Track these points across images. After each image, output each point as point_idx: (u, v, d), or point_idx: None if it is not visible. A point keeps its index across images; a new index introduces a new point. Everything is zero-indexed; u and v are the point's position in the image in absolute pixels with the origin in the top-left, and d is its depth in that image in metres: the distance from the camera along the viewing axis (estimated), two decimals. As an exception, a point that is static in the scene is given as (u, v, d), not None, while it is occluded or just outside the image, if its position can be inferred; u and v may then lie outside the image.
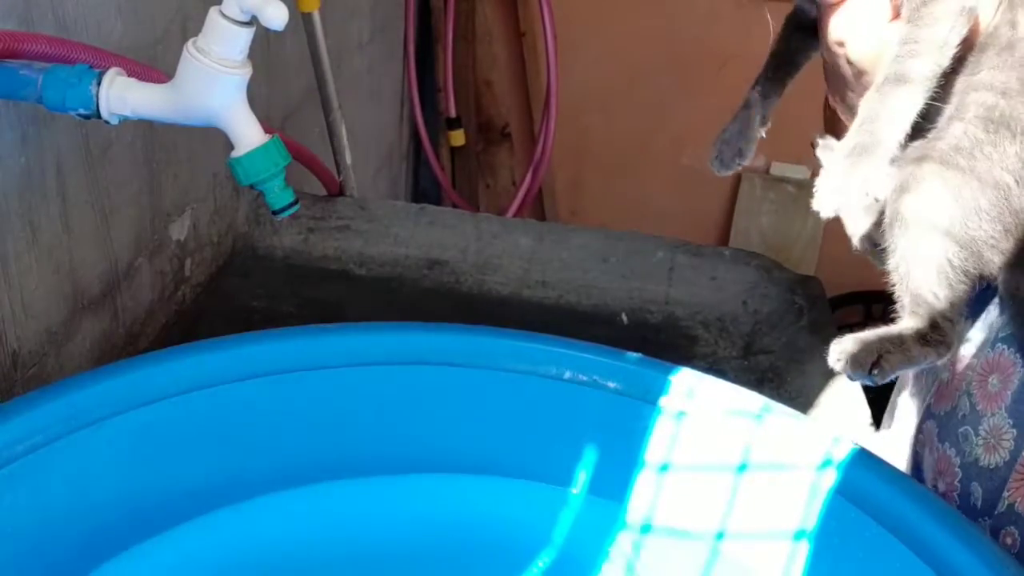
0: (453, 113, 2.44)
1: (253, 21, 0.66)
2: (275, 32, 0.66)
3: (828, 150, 0.72)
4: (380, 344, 0.85)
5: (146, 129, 1.04)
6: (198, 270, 1.23)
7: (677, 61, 2.53)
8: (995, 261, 0.65)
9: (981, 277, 0.66)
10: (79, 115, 0.69)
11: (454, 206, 2.35)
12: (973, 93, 0.65)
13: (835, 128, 0.77)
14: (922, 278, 0.65)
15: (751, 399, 0.80)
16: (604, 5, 2.48)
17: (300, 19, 1.36)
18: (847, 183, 0.65)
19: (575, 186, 2.73)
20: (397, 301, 1.28)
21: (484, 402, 0.85)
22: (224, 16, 0.65)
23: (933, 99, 0.64)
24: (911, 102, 0.64)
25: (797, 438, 0.77)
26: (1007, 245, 0.64)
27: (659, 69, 2.54)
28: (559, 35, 2.21)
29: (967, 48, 0.65)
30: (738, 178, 2.68)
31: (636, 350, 0.86)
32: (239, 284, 1.27)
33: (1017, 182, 0.63)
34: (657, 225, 1.54)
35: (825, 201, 0.65)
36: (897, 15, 0.66)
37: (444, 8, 2.34)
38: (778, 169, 2.57)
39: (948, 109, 0.66)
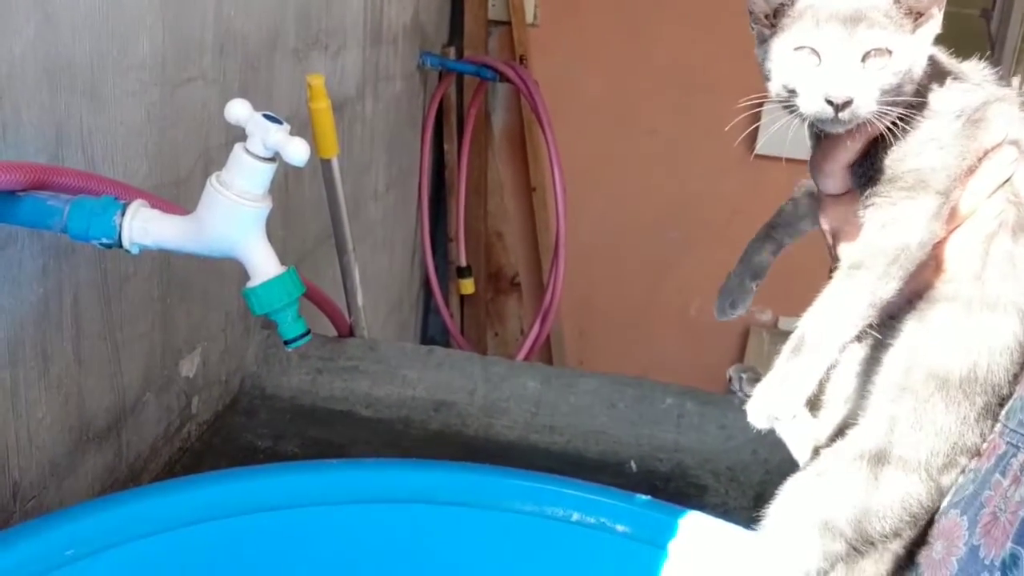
0: (464, 262, 2.48)
1: (275, 157, 0.69)
2: (295, 170, 0.68)
3: (740, 381, 0.74)
4: (382, 481, 0.84)
5: (162, 266, 1.06)
6: (205, 408, 1.23)
7: (684, 214, 2.59)
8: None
9: None
10: (101, 244, 0.70)
11: (462, 353, 2.36)
12: (894, 405, 0.64)
13: None
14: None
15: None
16: (614, 161, 2.57)
17: (319, 166, 1.41)
18: (779, 397, 0.62)
19: (583, 336, 2.74)
20: (403, 443, 1.27)
21: (489, 542, 0.83)
22: (248, 152, 0.68)
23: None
24: (859, 309, 0.63)
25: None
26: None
27: (667, 222, 2.60)
28: (568, 189, 2.28)
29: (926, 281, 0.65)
30: (746, 331, 2.70)
31: (645, 496, 0.85)
32: (245, 423, 1.27)
33: None
34: (665, 376, 1.54)
35: (756, 413, 0.62)
36: None
37: (458, 163, 2.42)
38: (785, 323, 2.60)
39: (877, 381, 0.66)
